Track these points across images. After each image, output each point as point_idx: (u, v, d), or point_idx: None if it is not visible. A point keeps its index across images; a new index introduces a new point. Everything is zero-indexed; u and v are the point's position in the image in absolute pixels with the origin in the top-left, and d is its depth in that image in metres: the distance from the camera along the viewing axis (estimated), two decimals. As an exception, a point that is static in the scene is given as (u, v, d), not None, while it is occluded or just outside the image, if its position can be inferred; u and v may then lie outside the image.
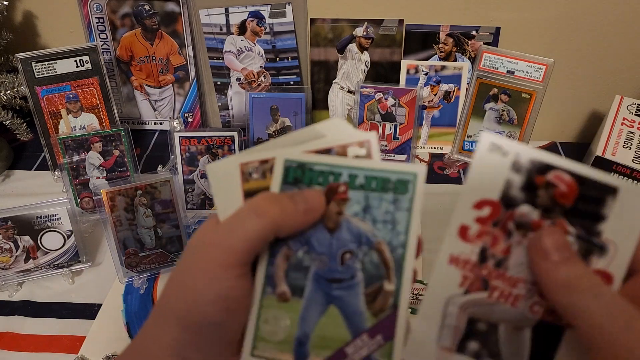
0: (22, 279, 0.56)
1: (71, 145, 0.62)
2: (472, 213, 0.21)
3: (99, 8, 0.71)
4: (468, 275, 0.22)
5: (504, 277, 0.22)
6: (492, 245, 0.22)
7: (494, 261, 0.22)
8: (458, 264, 0.22)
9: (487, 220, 0.21)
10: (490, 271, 0.22)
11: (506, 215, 0.21)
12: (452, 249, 0.22)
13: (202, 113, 0.78)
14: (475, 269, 0.22)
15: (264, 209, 0.22)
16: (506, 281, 0.22)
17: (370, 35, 0.71)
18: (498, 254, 0.22)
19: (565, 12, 0.67)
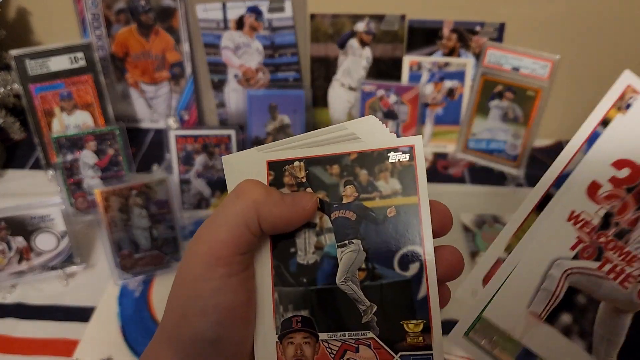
0: (15, 280, 0.55)
1: (65, 144, 0.60)
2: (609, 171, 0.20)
3: (94, 4, 0.70)
4: (584, 238, 0.20)
5: (622, 251, 0.20)
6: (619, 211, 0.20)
7: (616, 230, 0.20)
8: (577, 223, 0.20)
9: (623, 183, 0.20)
10: (609, 240, 0.20)
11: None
12: (575, 204, 0.20)
13: (199, 111, 0.77)
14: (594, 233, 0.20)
15: (246, 190, 0.21)
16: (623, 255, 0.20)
17: (372, 31, 0.69)
18: (623, 223, 0.20)
19: (571, 8, 0.65)
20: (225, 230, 0.21)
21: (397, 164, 0.23)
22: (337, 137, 0.23)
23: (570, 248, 0.20)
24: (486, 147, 0.70)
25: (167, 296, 0.59)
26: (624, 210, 0.20)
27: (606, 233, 0.20)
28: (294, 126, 0.69)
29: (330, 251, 0.23)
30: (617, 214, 0.20)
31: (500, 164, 0.69)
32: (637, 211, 0.20)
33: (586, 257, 0.20)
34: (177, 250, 0.56)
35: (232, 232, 0.21)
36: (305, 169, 0.23)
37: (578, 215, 0.20)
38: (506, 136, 0.68)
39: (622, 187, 0.20)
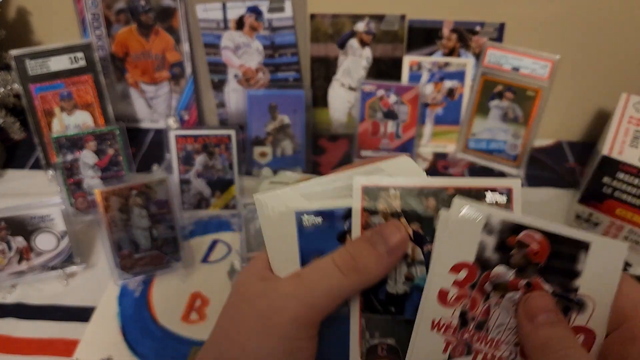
0: (15, 280, 0.55)
1: (65, 144, 0.60)
2: (450, 277, 0.22)
3: (93, 4, 0.70)
4: (451, 339, 0.22)
5: (486, 340, 0.22)
6: (471, 307, 0.22)
7: (474, 324, 0.22)
8: (440, 329, 0.22)
9: (465, 283, 0.22)
10: (472, 334, 0.22)
11: (483, 277, 0.22)
12: (433, 314, 0.22)
13: (199, 111, 0.77)
14: (457, 333, 0.22)
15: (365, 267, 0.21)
16: (488, 343, 0.22)
17: (372, 31, 0.69)
18: (478, 316, 0.22)
19: (572, 8, 0.65)
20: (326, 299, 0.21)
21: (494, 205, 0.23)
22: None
23: (442, 351, 0.22)
24: (486, 147, 0.70)
25: (167, 296, 0.58)
26: (475, 305, 0.22)
27: (468, 329, 0.22)
28: (294, 126, 0.69)
29: (420, 283, 0.23)
30: (470, 310, 0.22)
31: (500, 164, 0.69)
32: (485, 302, 0.22)
33: (458, 354, 0.22)
34: (177, 250, 0.56)
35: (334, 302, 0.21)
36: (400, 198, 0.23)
37: (439, 322, 0.22)
38: (506, 136, 0.68)
39: (465, 287, 0.22)
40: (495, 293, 0.22)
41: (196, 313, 0.54)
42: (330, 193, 0.23)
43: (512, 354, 0.22)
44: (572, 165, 0.73)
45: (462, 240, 0.22)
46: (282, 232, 0.22)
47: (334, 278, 0.21)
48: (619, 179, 0.59)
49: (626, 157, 0.59)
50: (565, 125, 0.77)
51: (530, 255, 0.21)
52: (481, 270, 0.22)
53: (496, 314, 0.22)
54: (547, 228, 0.21)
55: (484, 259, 0.22)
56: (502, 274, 0.22)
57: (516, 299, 0.21)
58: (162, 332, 0.52)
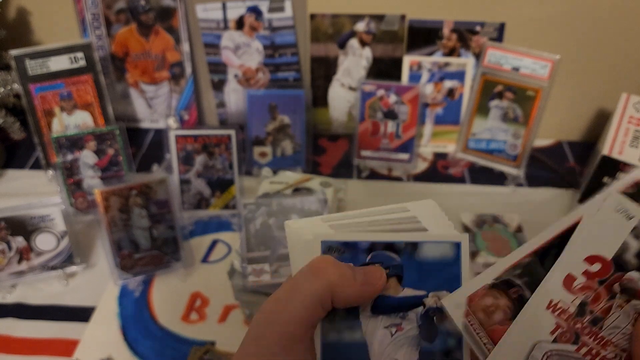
0: (15, 280, 0.55)
1: (65, 144, 0.60)
2: (582, 265, 0.22)
3: (93, 4, 0.70)
4: (562, 324, 0.22)
5: (597, 336, 0.22)
6: (593, 301, 0.22)
7: (590, 317, 0.22)
8: (555, 311, 0.22)
9: (595, 276, 0.22)
10: (584, 326, 0.22)
11: (614, 277, 0.22)
12: (553, 295, 0.22)
13: (199, 111, 0.77)
14: (571, 320, 0.22)
15: (322, 269, 0.22)
16: (597, 340, 0.22)
17: (372, 31, 0.69)
18: (596, 312, 0.22)
19: (572, 8, 0.65)
20: (301, 309, 0.22)
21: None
22: (398, 219, 0.25)
23: (549, 333, 0.22)
24: (486, 147, 0.70)
25: (167, 296, 0.58)
26: (597, 300, 0.22)
27: (582, 320, 0.22)
28: (294, 126, 0.69)
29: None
30: (590, 303, 0.22)
31: (500, 163, 0.69)
32: (609, 301, 0.22)
33: (564, 340, 0.22)
34: (177, 250, 0.56)
35: (308, 312, 0.22)
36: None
37: (556, 304, 0.22)
38: (506, 136, 0.68)
39: (594, 280, 0.22)
40: (622, 296, 0.22)
41: (196, 313, 0.54)
42: (355, 227, 0.25)
43: (617, 357, 0.21)
44: (572, 165, 0.73)
45: (606, 234, 0.22)
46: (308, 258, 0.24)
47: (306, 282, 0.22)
48: (619, 178, 0.59)
49: (626, 157, 0.59)
50: (565, 125, 0.77)
51: None
52: (615, 269, 0.22)
53: (615, 315, 0.22)
54: None
55: (622, 259, 0.21)
56: (635, 280, 0.21)
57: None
58: (162, 332, 0.52)
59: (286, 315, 0.22)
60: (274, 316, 0.22)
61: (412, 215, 0.25)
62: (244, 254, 0.49)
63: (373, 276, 0.23)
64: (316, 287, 0.22)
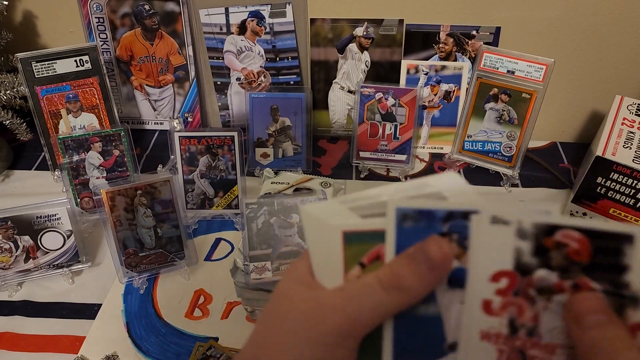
0: (22, 279, 0.56)
1: (71, 145, 0.62)
2: (491, 286, 0.21)
3: (98, 8, 0.71)
4: (503, 348, 0.21)
5: (540, 345, 0.21)
6: (518, 314, 0.21)
7: (525, 330, 0.21)
8: (490, 339, 0.21)
9: (508, 291, 0.21)
10: (524, 341, 0.21)
11: (525, 283, 0.21)
12: (481, 325, 0.21)
13: (202, 113, 0.78)
14: (509, 341, 0.21)
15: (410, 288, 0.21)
16: (543, 349, 0.21)
17: (371, 35, 0.71)
18: (527, 323, 0.21)
19: (566, 12, 0.67)
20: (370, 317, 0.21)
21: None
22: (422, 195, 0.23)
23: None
24: (482, 149, 0.71)
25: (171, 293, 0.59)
26: (522, 311, 0.21)
27: (519, 336, 0.21)
28: (295, 128, 0.70)
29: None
30: (518, 317, 0.21)
31: (496, 164, 0.71)
32: (533, 307, 0.21)
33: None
34: (181, 249, 0.57)
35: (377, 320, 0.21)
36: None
37: (488, 333, 0.21)
38: (501, 138, 0.69)
39: (509, 295, 0.21)
40: (542, 297, 0.21)
41: (199, 310, 0.55)
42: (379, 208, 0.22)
43: (570, 357, 0.21)
44: (566, 165, 0.74)
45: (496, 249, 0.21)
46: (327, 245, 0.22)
47: (378, 295, 0.21)
48: (613, 179, 0.60)
49: (620, 157, 0.60)
50: (559, 127, 0.79)
51: (572, 254, 0.20)
52: (522, 276, 0.21)
53: (546, 318, 0.21)
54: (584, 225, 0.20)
55: (522, 264, 0.21)
56: (544, 278, 0.21)
57: (565, 301, 0.20)
58: (167, 328, 0.53)
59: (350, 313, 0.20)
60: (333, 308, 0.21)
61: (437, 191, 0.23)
62: (246, 252, 0.50)
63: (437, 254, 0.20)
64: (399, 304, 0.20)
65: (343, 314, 0.21)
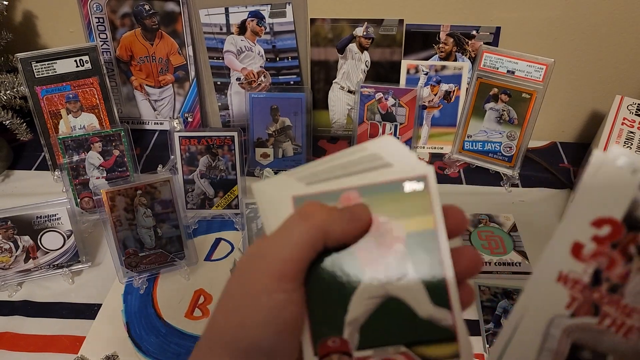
0: (22, 279, 0.56)
1: (71, 145, 0.62)
2: (589, 230, 0.20)
3: (98, 8, 0.71)
4: (577, 296, 0.20)
5: (619, 305, 0.20)
6: (608, 268, 0.20)
7: (608, 285, 0.20)
8: (567, 283, 0.20)
9: (606, 240, 0.20)
10: (603, 295, 0.20)
11: (628, 238, 0.19)
12: (562, 266, 0.20)
13: (202, 113, 0.78)
14: (586, 291, 0.20)
15: (311, 213, 0.22)
16: (620, 309, 0.20)
17: (371, 35, 0.71)
18: (614, 279, 0.20)
19: (566, 12, 0.67)
20: (291, 249, 0.21)
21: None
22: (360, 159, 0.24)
23: (565, 307, 0.20)
24: (482, 149, 0.71)
25: (171, 293, 0.59)
26: (613, 266, 0.20)
27: (599, 289, 0.20)
28: (295, 128, 0.70)
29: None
30: (606, 270, 0.20)
31: (496, 164, 0.71)
32: (626, 265, 0.20)
33: (583, 313, 0.20)
34: (181, 249, 0.57)
35: (299, 252, 0.22)
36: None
37: (567, 276, 0.20)
38: (501, 138, 0.69)
39: (606, 244, 0.20)
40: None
41: (200, 310, 0.55)
42: (324, 174, 0.24)
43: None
44: (566, 165, 0.74)
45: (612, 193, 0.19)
46: (280, 212, 0.23)
47: (298, 228, 0.22)
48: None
49: (619, 158, 0.60)
50: (559, 127, 0.79)
51: None
52: (628, 229, 0.19)
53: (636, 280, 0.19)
54: None
55: (633, 218, 0.19)
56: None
57: None
58: (167, 328, 0.53)
59: (275, 254, 0.21)
60: (261, 256, 0.22)
61: (373, 153, 0.24)
62: (246, 252, 0.50)
63: (361, 212, 0.23)
64: (307, 228, 0.22)
65: (272, 258, 0.22)
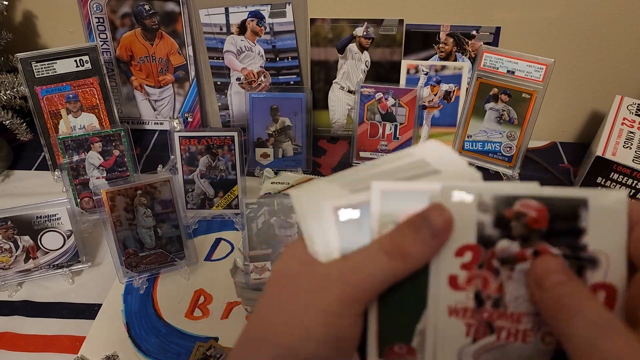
0: (22, 279, 0.56)
1: (71, 145, 0.62)
2: (456, 261, 0.21)
3: (98, 8, 0.71)
4: (471, 322, 0.22)
5: (506, 315, 0.21)
6: (484, 287, 0.21)
7: (491, 302, 0.22)
8: (458, 314, 0.22)
9: (472, 264, 0.21)
10: (491, 313, 0.22)
11: (488, 255, 0.21)
12: (448, 300, 0.21)
13: (202, 113, 0.78)
14: (476, 314, 0.22)
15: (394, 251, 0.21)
16: (509, 318, 0.21)
17: (371, 35, 0.71)
18: (493, 294, 0.21)
19: (566, 12, 0.67)
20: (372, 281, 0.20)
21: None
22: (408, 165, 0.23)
23: (465, 335, 0.22)
24: (482, 149, 0.71)
25: (171, 293, 0.59)
26: (487, 283, 0.21)
27: (485, 308, 0.22)
28: (295, 128, 0.70)
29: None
30: (483, 289, 0.21)
31: (496, 164, 0.71)
32: (497, 278, 0.21)
33: (482, 335, 0.22)
34: (181, 249, 0.57)
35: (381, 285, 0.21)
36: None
37: (455, 308, 0.22)
38: (501, 138, 0.69)
39: (473, 268, 0.21)
40: (505, 268, 0.21)
41: (200, 310, 0.55)
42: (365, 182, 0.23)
43: (536, 324, 0.21)
44: (566, 165, 0.74)
45: (459, 224, 0.21)
46: (321, 225, 0.22)
47: (380, 262, 0.21)
48: (613, 179, 0.60)
49: (620, 158, 0.60)
50: (559, 127, 0.79)
51: (531, 223, 0.21)
52: (485, 248, 0.21)
53: (510, 288, 0.21)
54: (541, 193, 0.21)
55: (485, 237, 0.21)
56: (506, 248, 0.21)
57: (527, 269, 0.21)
58: (167, 328, 0.53)
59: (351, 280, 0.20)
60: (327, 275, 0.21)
61: (420, 159, 0.23)
62: (246, 252, 0.50)
63: (439, 221, 0.20)
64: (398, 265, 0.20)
65: (345, 282, 0.21)
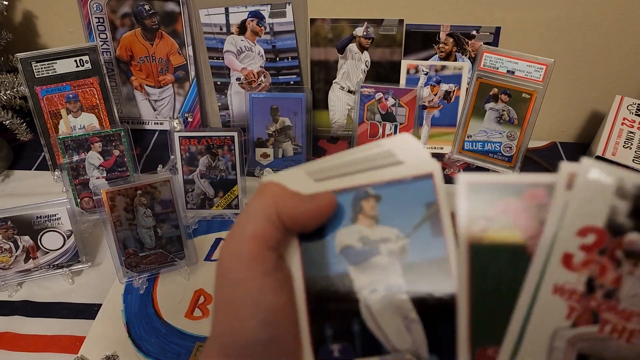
0: (22, 279, 0.56)
1: (71, 145, 0.62)
2: (576, 240, 0.20)
3: (98, 8, 0.71)
4: (575, 306, 0.21)
5: (616, 310, 0.20)
6: (600, 274, 0.20)
7: (603, 292, 0.20)
8: (563, 294, 0.21)
9: (593, 248, 0.20)
10: (600, 302, 0.20)
11: (613, 243, 0.20)
12: (556, 278, 0.20)
13: (202, 113, 0.78)
14: (583, 299, 0.20)
15: (266, 187, 0.23)
16: (619, 314, 0.20)
17: (371, 35, 0.71)
18: (607, 284, 0.20)
19: (566, 12, 0.67)
20: (249, 226, 0.22)
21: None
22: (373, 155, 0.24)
23: (565, 317, 0.21)
24: (482, 149, 0.71)
25: (171, 293, 0.59)
26: (604, 272, 0.20)
27: (595, 296, 0.21)
28: (295, 128, 0.70)
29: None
30: (598, 277, 0.20)
31: (496, 164, 0.71)
32: (617, 270, 0.20)
33: (583, 323, 0.21)
34: (181, 249, 0.57)
35: (256, 227, 0.22)
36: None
37: (562, 287, 0.21)
38: (501, 138, 0.69)
39: (593, 252, 0.20)
40: (629, 261, 0.20)
41: (200, 310, 0.55)
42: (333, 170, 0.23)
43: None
44: (566, 166, 0.74)
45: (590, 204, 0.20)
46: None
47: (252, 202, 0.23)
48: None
49: (620, 158, 0.60)
50: (559, 127, 0.79)
51: None
52: (612, 236, 0.20)
53: (629, 283, 0.20)
54: None
55: (615, 224, 0.20)
56: (636, 242, 0.20)
57: None
58: (167, 328, 0.53)
59: (237, 234, 0.22)
60: (229, 237, 0.22)
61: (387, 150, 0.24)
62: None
63: (320, 196, 0.23)
64: (261, 202, 0.22)
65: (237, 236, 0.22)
